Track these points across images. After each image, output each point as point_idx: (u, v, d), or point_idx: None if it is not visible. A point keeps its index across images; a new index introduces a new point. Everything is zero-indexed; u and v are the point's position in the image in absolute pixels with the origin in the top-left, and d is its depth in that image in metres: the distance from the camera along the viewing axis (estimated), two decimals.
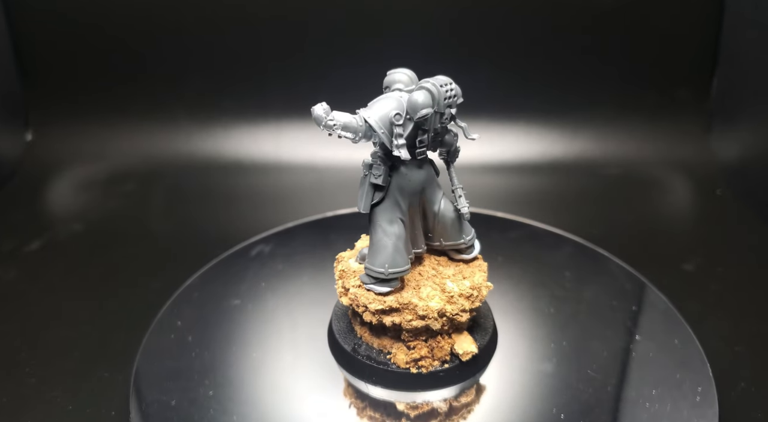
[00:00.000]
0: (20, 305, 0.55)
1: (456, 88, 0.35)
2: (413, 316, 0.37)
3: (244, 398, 0.39)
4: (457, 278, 0.39)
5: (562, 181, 0.76)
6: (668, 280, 0.55)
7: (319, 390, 0.40)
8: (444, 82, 0.35)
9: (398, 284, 0.37)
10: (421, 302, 0.37)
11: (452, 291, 0.37)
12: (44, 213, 0.72)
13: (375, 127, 0.34)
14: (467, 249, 0.40)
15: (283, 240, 0.57)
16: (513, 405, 0.39)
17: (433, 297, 0.37)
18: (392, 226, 0.37)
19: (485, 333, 0.41)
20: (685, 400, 0.38)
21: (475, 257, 0.41)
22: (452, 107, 0.35)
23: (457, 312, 0.37)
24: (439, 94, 0.34)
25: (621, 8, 0.77)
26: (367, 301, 0.37)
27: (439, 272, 0.39)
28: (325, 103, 0.34)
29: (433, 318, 0.37)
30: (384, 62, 0.81)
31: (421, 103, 0.34)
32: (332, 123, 0.33)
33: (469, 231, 0.40)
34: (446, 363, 0.39)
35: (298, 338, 0.45)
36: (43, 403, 0.44)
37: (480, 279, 0.39)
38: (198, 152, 0.81)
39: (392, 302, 0.37)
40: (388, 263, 0.36)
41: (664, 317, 0.46)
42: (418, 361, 0.39)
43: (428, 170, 0.38)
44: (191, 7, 0.78)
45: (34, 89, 0.83)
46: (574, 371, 0.41)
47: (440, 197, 0.38)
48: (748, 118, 0.76)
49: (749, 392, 0.45)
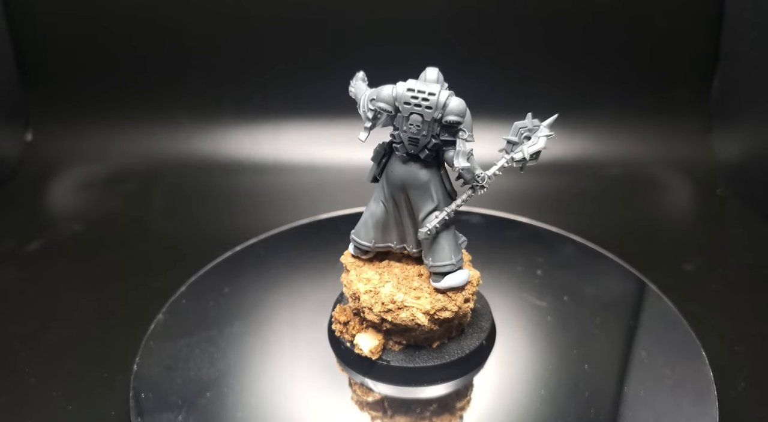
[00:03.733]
0: (20, 305, 0.55)
1: (434, 100, 0.33)
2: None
3: (245, 398, 0.39)
4: None
5: (562, 181, 0.76)
6: (668, 280, 0.55)
7: (320, 389, 0.40)
8: (415, 88, 0.33)
9: (362, 254, 0.40)
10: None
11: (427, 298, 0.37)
12: (44, 213, 0.72)
13: (357, 100, 0.36)
14: (433, 276, 0.38)
15: (283, 241, 0.57)
16: (512, 403, 0.39)
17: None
18: (373, 203, 0.39)
19: (483, 331, 0.41)
20: (685, 399, 0.38)
21: (444, 290, 0.37)
22: (420, 114, 0.34)
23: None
24: (398, 95, 0.34)
25: (621, 8, 0.77)
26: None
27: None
28: (363, 73, 0.38)
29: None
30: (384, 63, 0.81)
31: (383, 96, 0.34)
32: (350, 89, 0.38)
33: (441, 258, 0.37)
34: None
35: (298, 338, 0.45)
36: (44, 403, 0.44)
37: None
38: (198, 152, 0.81)
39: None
40: (354, 231, 0.40)
41: (664, 317, 0.46)
42: None
43: (414, 171, 0.36)
44: (192, 8, 0.78)
45: (34, 89, 0.83)
46: (574, 371, 0.41)
47: (429, 209, 0.36)
48: (748, 118, 0.76)
49: (749, 391, 0.45)
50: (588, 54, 0.79)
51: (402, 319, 0.37)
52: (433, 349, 0.40)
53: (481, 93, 0.78)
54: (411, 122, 0.34)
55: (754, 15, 0.72)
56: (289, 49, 0.80)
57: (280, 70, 0.81)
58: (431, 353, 0.40)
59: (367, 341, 0.39)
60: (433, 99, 0.33)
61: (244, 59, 0.80)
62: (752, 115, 0.75)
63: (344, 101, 0.40)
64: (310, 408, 0.39)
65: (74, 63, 0.81)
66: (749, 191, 0.72)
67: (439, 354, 0.40)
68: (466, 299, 0.38)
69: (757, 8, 0.71)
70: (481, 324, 0.42)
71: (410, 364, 0.39)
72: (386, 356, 0.40)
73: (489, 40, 0.79)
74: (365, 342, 0.39)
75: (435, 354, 0.40)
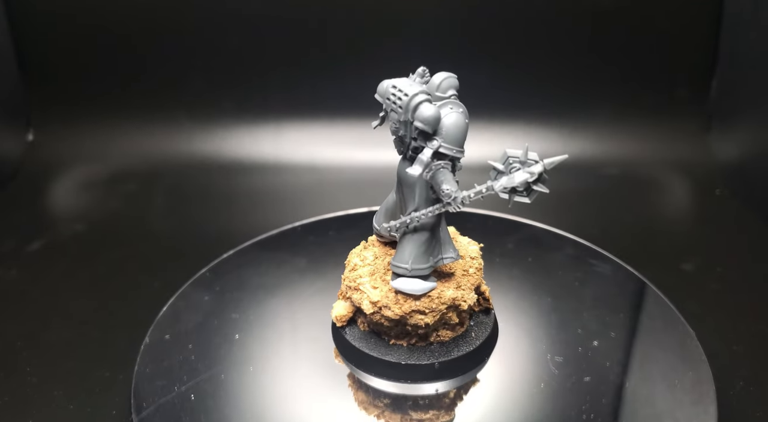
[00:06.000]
0: (21, 305, 0.55)
1: (405, 102, 0.33)
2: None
3: (245, 398, 0.39)
4: None
5: (562, 181, 0.76)
6: (668, 280, 0.55)
7: (321, 387, 0.40)
8: (397, 86, 0.34)
9: (378, 236, 0.42)
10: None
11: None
12: (45, 213, 0.72)
13: (379, 91, 0.35)
14: (392, 273, 0.38)
15: (283, 241, 0.57)
16: (513, 400, 0.39)
17: None
18: (392, 191, 0.39)
19: (485, 330, 0.42)
20: (685, 399, 0.38)
21: (395, 290, 0.38)
22: (395, 112, 0.34)
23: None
24: (382, 91, 0.35)
25: (621, 8, 0.77)
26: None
27: None
28: (423, 68, 0.36)
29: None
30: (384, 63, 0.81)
31: (379, 88, 0.35)
32: None
33: (398, 259, 0.37)
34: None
35: (299, 338, 0.45)
36: (45, 403, 0.44)
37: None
38: (198, 153, 0.81)
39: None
40: (376, 213, 0.41)
41: (664, 316, 0.46)
42: None
43: (405, 169, 0.36)
44: (192, 8, 0.78)
45: (35, 89, 0.83)
46: (574, 370, 0.41)
47: (410, 208, 0.36)
48: (748, 118, 0.76)
49: (748, 391, 0.45)
50: (588, 54, 0.80)
51: (354, 298, 0.39)
52: (435, 347, 0.40)
53: (481, 93, 0.79)
54: (392, 119, 0.34)
55: (754, 15, 0.72)
56: (289, 49, 0.80)
57: (281, 70, 0.81)
58: (433, 350, 0.40)
59: (339, 307, 0.42)
60: (404, 100, 0.33)
61: (245, 59, 0.81)
62: (751, 115, 0.75)
63: (344, 102, 0.40)
64: (311, 407, 0.39)
65: (75, 63, 0.81)
66: (748, 191, 0.72)
67: (441, 352, 0.40)
68: (419, 311, 0.38)
69: (757, 8, 0.71)
70: (484, 322, 0.42)
71: (411, 361, 0.39)
72: (388, 353, 0.40)
73: (489, 40, 0.79)
74: (338, 307, 0.42)
75: (436, 351, 0.40)
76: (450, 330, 0.40)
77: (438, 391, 0.39)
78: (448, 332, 0.40)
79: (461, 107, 0.35)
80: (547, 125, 0.81)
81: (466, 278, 0.39)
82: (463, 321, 0.41)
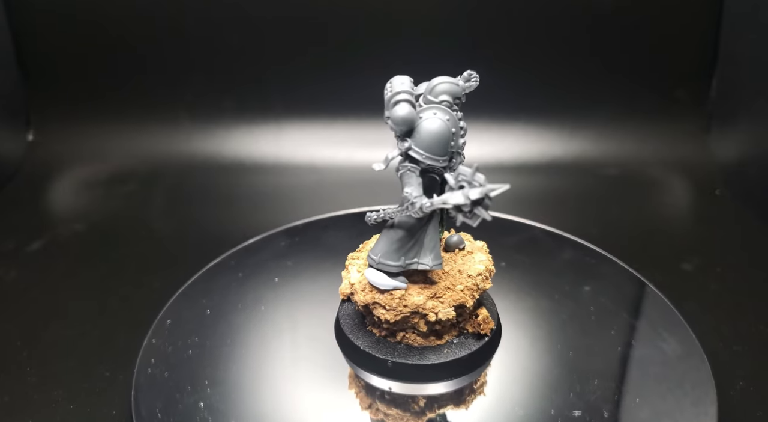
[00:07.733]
0: (21, 305, 0.55)
1: (386, 97, 0.33)
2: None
3: (246, 397, 0.39)
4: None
5: (562, 181, 0.77)
6: (667, 280, 0.55)
7: (323, 386, 0.40)
8: (392, 82, 0.34)
9: None
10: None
11: None
12: (45, 213, 0.72)
13: None
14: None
15: (283, 240, 0.57)
16: (513, 402, 0.39)
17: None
18: None
19: (465, 349, 0.41)
20: (685, 399, 0.38)
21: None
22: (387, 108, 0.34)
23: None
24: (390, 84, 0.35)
25: (621, 9, 0.77)
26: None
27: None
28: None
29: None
30: (385, 63, 0.81)
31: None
32: None
33: (372, 249, 0.38)
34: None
35: (299, 337, 0.45)
36: (45, 402, 0.44)
37: None
38: (199, 153, 0.81)
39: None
40: None
41: (664, 316, 0.46)
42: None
43: None
44: (192, 8, 0.78)
45: (35, 90, 0.83)
46: (574, 370, 0.41)
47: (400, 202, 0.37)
48: (747, 118, 0.76)
49: (748, 391, 0.45)
50: (588, 55, 0.80)
51: (343, 275, 0.41)
52: (439, 347, 0.40)
53: (480, 92, 0.79)
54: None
55: (754, 16, 0.72)
56: (289, 49, 0.80)
57: (281, 70, 0.81)
58: (436, 351, 0.40)
59: (355, 274, 0.40)
60: (385, 95, 0.33)
61: (245, 60, 0.81)
62: (750, 116, 0.75)
63: (344, 102, 0.40)
64: (313, 406, 0.39)
65: (75, 63, 0.81)
66: (747, 191, 0.72)
67: (445, 352, 0.40)
68: (381, 305, 0.38)
69: (756, 9, 0.71)
70: (467, 345, 0.42)
71: (416, 361, 0.39)
72: (391, 353, 0.40)
73: (489, 40, 0.79)
74: (354, 274, 0.40)
75: (440, 351, 0.40)
76: (421, 337, 0.40)
77: (391, 389, 0.39)
78: (417, 337, 0.39)
79: (448, 114, 0.34)
80: (547, 125, 0.81)
81: (449, 293, 0.38)
82: (439, 333, 0.40)
